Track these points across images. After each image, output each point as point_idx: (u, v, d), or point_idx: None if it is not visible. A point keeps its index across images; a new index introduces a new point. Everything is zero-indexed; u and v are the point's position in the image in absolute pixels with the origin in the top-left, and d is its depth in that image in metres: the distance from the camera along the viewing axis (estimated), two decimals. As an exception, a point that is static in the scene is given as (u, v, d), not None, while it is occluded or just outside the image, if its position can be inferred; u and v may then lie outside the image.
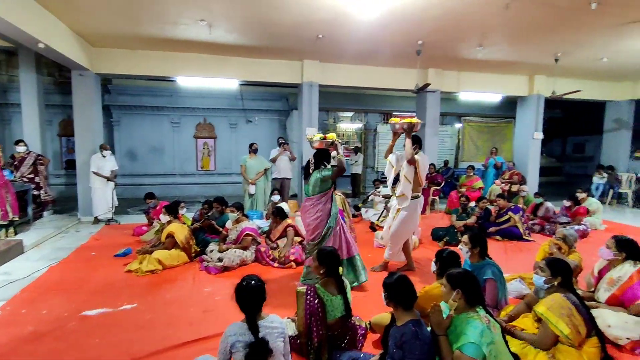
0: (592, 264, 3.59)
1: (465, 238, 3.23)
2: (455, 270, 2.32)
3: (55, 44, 5.39)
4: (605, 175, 9.76)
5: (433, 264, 2.96)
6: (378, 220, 6.58)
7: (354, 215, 7.41)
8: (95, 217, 6.90)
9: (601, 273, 3.27)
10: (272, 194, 6.45)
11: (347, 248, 3.94)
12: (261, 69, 7.79)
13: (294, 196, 9.11)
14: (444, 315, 2.26)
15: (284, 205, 6.38)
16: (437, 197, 8.56)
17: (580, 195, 6.92)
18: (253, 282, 2.11)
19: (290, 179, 7.90)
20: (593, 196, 8.54)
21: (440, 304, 2.49)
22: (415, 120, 4.14)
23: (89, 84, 7.00)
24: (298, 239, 5.03)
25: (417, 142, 4.26)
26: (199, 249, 4.90)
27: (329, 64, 8.04)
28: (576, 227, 6.17)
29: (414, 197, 4.28)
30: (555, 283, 2.62)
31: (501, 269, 3.21)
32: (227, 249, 4.61)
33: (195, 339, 2.86)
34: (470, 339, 2.03)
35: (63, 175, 10.61)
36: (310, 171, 3.90)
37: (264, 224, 6.00)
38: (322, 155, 3.91)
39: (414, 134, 4.20)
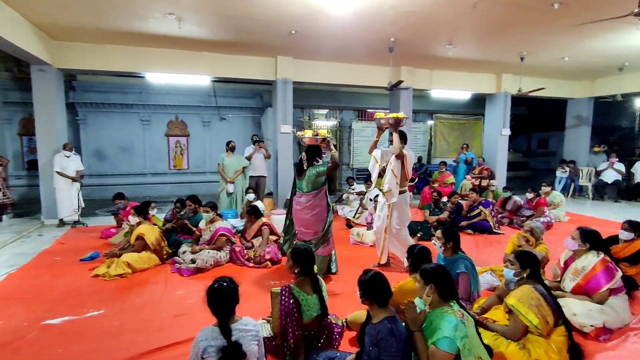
0: (557, 255, 3.70)
1: (438, 233, 3.25)
2: (429, 266, 2.32)
3: (10, 35, 5.02)
4: (567, 169, 10.18)
5: (405, 259, 2.96)
6: (354, 217, 6.59)
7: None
8: (60, 220, 6.54)
9: (567, 263, 3.37)
10: (246, 192, 6.32)
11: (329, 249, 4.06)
12: (234, 66, 7.61)
13: (270, 194, 9.00)
14: (419, 311, 2.26)
15: (259, 203, 6.26)
16: (410, 193, 8.64)
17: (545, 189, 7.18)
18: (225, 284, 2.03)
19: (265, 177, 7.79)
20: (556, 190, 8.89)
21: (415, 299, 2.50)
22: (401, 115, 4.16)
23: (50, 79, 6.60)
24: (273, 237, 4.94)
25: (403, 137, 4.25)
26: (171, 251, 4.73)
27: (303, 61, 7.95)
28: (541, 219, 6.40)
29: (401, 192, 4.30)
30: (524, 275, 2.67)
31: (473, 262, 3.25)
32: (201, 250, 4.47)
33: (167, 345, 2.73)
34: (445, 334, 2.03)
35: (25, 177, 10.02)
36: (304, 167, 3.89)
37: (239, 223, 5.87)
38: (313, 152, 3.95)
39: (399, 129, 4.20)
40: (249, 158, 7.40)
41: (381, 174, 4.45)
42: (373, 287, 2.16)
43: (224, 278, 2.08)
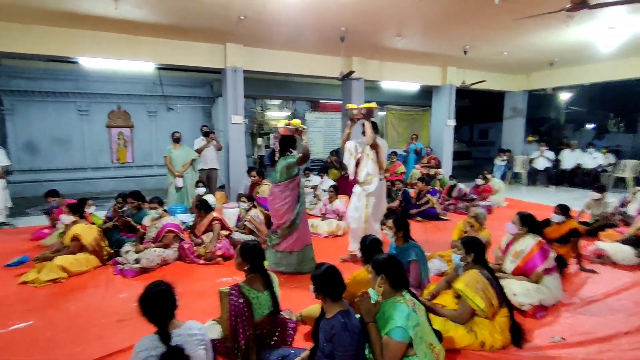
0: (498, 238, 3.89)
1: (389, 223, 3.26)
2: (380, 257, 2.30)
3: None
4: (505, 158, 10.83)
5: (358, 250, 2.93)
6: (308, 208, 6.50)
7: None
8: (-17, 221, 5.82)
9: (508, 246, 3.54)
10: (196, 186, 5.99)
11: (306, 235, 4.03)
12: (180, 52, 7.14)
13: (222, 187, 8.67)
14: (373, 302, 2.23)
15: (209, 197, 5.99)
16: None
17: (488, 176, 7.58)
18: (159, 287, 1.86)
19: (217, 169, 7.47)
20: (494, 176, 9.42)
21: (368, 290, 2.47)
22: (373, 105, 4.16)
23: (-36, 63, 5.78)
24: (225, 232, 4.73)
25: (375, 127, 4.22)
26: (112, 251, 4.36)
27: (253, 49, 7.66)
28: (482, 204, 6.75)
29: (381, 179, 4.28)
30: (470, 260, 2.75)
31: (423, 250, 3.30)
32: (146, 249, 4.16)
33: (108, 354, 2.50)
34: (398, 324, 2.03)
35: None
36: (277, 158, 3.89)
37: (189, 218, 5.58)
38: (287, 142, 3.94)
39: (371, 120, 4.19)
40: (199, 151, 7.03)
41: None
42: (326, 281, 2.09)
43: (157, 282, 1.91)
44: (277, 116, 12.81)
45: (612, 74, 9.09)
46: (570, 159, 10.35)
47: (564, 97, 14.56)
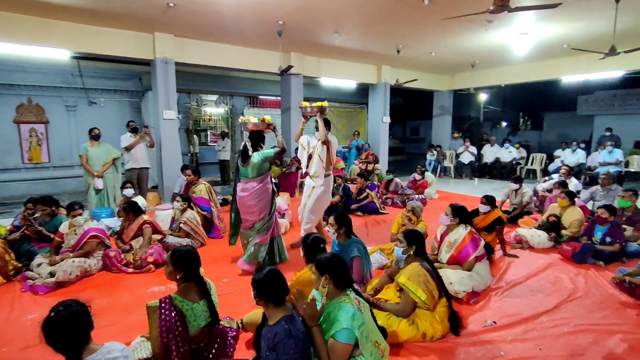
0: (432, 229, 4.02)
1: (331, 220, 3.18)
2: (323, 256, 2.19)
3: None
4: (435, 153, 11.46)
5: (301, 249, 2.81)
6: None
7: (224, 202, 6.89)
8: None
9: (442, 237, 3.66)
10: (123, 187, 5.40)
11: (276, 228, 4.05)
12: (101, 40, 6.39)
13: (155, 188, 8.02)
14: (317, 302, 2.13)
15: (139, 199, 5.45)
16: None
17: (422, 169, 7.91)
18: (68, 309, 1.56)
19: (148, 168, 6.82)
20: (428, 171, 9.92)
21: (312, 291, 2.36)
22: (325, 103, 4.35)
23: None
24: (157, 236, 4.32)
25: (327, 124, 4.38)
26: (20, 265, 3.74)
27: (185, 40, 7.13)
28: (417, 197, 7.03)
29: (326, 175, 4.44)
30: (411, 252, 2.77)
31: (365, 244, 3.27)
32: (63, 259, 3.63)
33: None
34: (343, 325, 1.94)
35: None
36: (250, 154, 3.80)
37: (115, 222, 5.02)
38: (257, 138, 3.91)
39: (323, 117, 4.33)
40: (129, 148, 6.37)
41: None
42: (268, 285, 1.93)
43: (66, 302, 1.63)
44: (215, 112, 12.20)
45: (524, 76, 10.01)
46: (490, 153, 11.26)
47: (483, 97, 15.86)
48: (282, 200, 5.48)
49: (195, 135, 11.37)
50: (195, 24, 6.27)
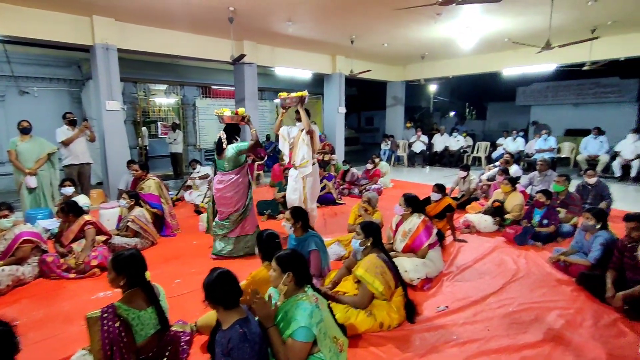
0: (388, 218, 4.07)
1: (287, 214, 3.10)
2: (284, 253, 2.11)
3: None
4: (389, 142, 11.71)
5: (255, 246, 2.70)
6: (202, 202, 5.96)
7: (176, 200, 6.56)
8: None
9: (397, 226, 3.71)
10: (62, 185, 4.90)
11: (254, 221, 4.11)
12: (31, 23, 5.69)
13: (101, 184, 7.44)
14: (274, 301, 2.05)
15: (81, 198, 5.00)
16: (261, 172, 8.48)
17: (377, 160, 8.01)
18: None
19: (90, 164, 6.27)
20: (383, 160, 10.10)
21: (270, 289, 2.28)
22: (305, 93, 4.31)
23: None
24: (102, 238, 3.99)
25: (308, 114, 4.39)
26: None
27: (128, 25, 6.59)
28: (373, 186, 7.14)
29: (313, 163, 4.43)
30: (369, 244, 2.77)
31: (322, 237, 3.22)
32: (-10, 268, 3.23)
33: None
34: (301, 324, 1.88)
35: None
36: (224, 146, 3.83)
37: (54, 224, 4.57)
38: (232, 130, 3.96)
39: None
40: (67, 142, 5.80)
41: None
42: (219, 288, 1.82)
43: None
44: (165, 102, 11.53)
45: (470, 68, 10.43)
46: (440, 142, 11.71)
47: (433, 88, 16.41)
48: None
49: (144, 128, 10.68)
50: (138, 7, 5.80)
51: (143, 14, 6.18)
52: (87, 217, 3.92)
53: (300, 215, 3.09)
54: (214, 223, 4.01)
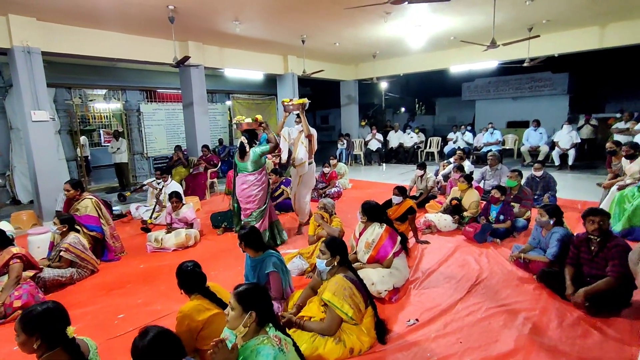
0: (350, 222, 3.87)
1: (240, 236, 2.79)
2: (244, 288, 1.77)
3: None
4: (345, 142, 11.61)
5: (177, 277, 2.28)
6: (150, 217, 5.42)
7: (119, 216, 5.93)
8: None
9: (361, 234, 3.51)
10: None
11: (272, 213, 4.54)
12: None
13: (31, 203, 6.59)
14: (229, 343, 1.74)
15: (4, 224, 4.31)
16: (215, 179, 7.97)
17: (333, 161, 7.83)
18: None
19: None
20: (341, 161, 9.98)
21: (224, 331, 1.98)
22: (305, 100, 4.73)
23: None
24: (29, 273, 3.40)
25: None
26: None
27: (53, 25, 5.84)
28: (333, 189, 6.94)
29: (310, 163, 4.89)
30: (335, 263, 2.53)
31: (281, 255, 2.94)
32: None
33: None
34: (263, 372, 1.60)
35: None
36: (247, 150, 4.24)
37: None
38: (252, 135, 4.35)
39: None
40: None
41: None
42: (151, 358, 1.50)
43: None
44: (106, 108, 10.55)
45: (419, 65, 10.58)
46: (394, 139, 11.83)
47: (384, 85, 16.60)
48: (187, 210, 4.82)
49: (83, 137, 9.68)
50: (61, 5, 5.12)
51: (69, 13, 5.49)
52: (14, 250, 3.31)
53: (252, 237, 2.78)
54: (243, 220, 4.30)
